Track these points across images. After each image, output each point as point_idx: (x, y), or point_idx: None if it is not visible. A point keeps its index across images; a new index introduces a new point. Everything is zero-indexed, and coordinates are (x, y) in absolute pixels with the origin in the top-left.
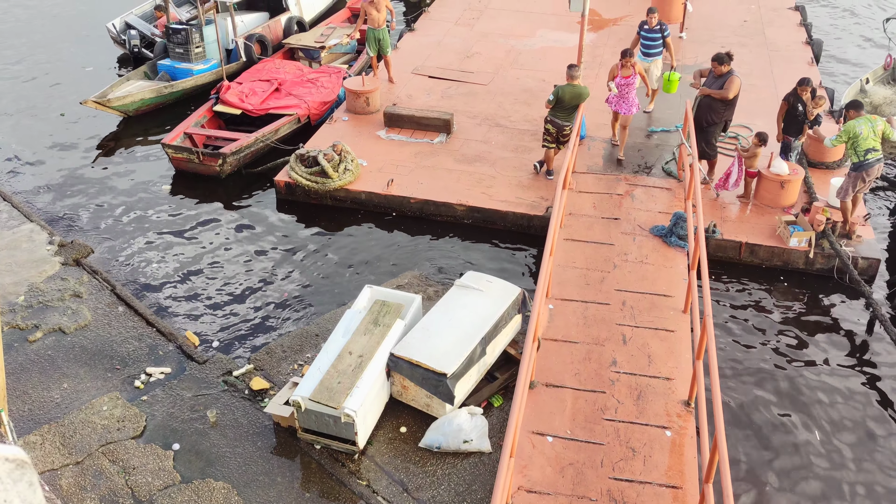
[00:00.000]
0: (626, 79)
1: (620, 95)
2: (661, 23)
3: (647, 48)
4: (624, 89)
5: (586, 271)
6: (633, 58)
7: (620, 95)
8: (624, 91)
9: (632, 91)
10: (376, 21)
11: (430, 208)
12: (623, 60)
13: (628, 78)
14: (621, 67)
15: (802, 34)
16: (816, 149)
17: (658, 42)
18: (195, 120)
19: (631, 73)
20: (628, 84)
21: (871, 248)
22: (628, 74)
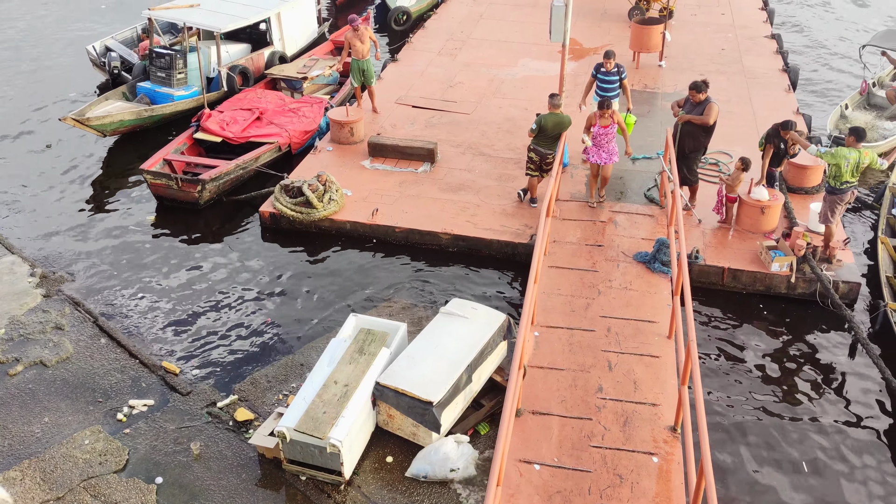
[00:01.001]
0: (605, 128)
1: (598, 145)
2: (619, 65)
3: (604, 91)
4: (602, 139)
5: (571, 298)
6: (612, 108)
7: (598, 145)
8: (602, 141)
9: (611, 141)
10: (360, 52)
11: (415, 237)
12: (601, 111)
13: (607, 128)
14: (600, 117)
15: (779, 61)
16: (795, 174)
17: (615, 85)
18: (175, 147)
19: (610, 122)
20: (607, 134)
21: (851, 272)
22: (607, 124)
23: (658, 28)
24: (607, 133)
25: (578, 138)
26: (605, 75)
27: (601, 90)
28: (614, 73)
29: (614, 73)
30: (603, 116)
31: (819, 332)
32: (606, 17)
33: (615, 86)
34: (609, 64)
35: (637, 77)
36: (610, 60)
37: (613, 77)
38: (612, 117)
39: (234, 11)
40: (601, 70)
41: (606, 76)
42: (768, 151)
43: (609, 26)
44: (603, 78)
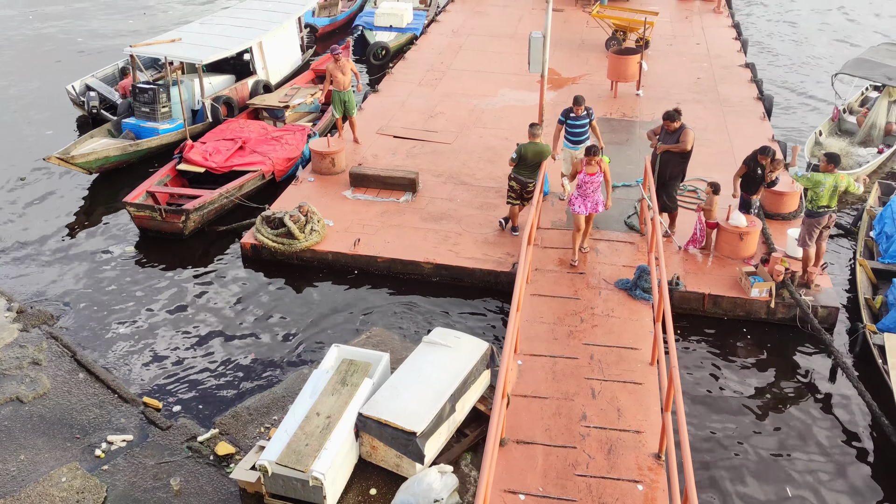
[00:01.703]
0: (591, 176)
1: (583, 194)
2: (588, 107)
3: (576, 136)
4: (588, 187)
5: (554, 326)
6: (599, 155)
7: (583, 194)
8: (588, 189)
9: (597, 190)
10: (342, 83)
11: (397, 267)
12: (588, 158)
13: (593, 175)
14: (586, 164)
15: (754, 90)
16: (772, 200)
17: (586, 129)
18: (158, 179)
19: (597, 170)
20: (593, 182)
21: (829, 297)
22: (594, 172)
23: (635, 58)
24: (593, 181)
25: (558, 166)
26: (575, 120)
27: (572, 136)
28: (584, 118)
29: (584, 118)
30: (590, 164)
31: (800, 357)
32: (584, 48)
33: (585, 129)
34: (579, 109)
35: (615, 106)
36: (580, 106)
37: (584, 121)
38: (599, 165)
39: (216, 43)
40: (570, 116)
41: (576, 121)
42: (741, 171)
43: (587, 56)
44: (573, 123)
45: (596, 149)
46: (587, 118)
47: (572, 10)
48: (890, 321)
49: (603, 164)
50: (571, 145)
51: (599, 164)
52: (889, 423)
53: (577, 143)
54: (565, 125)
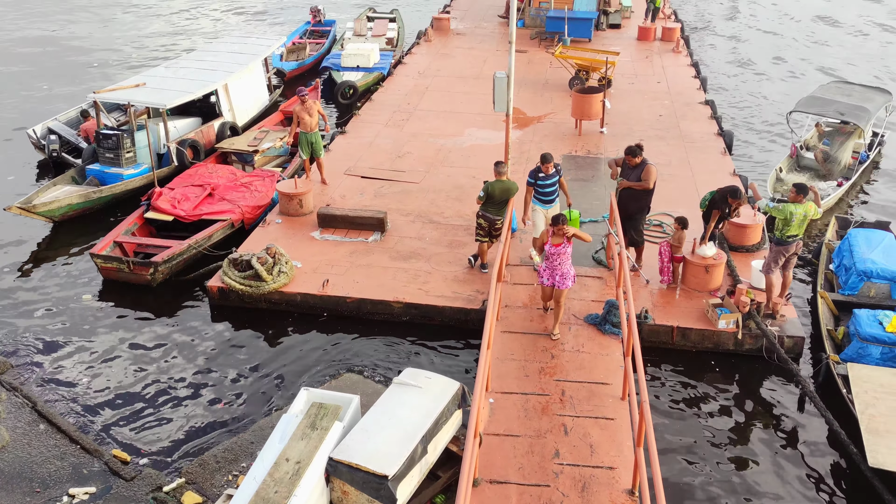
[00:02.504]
0: (557, 247)
1: (551, 266)
2: (557, 164)
3: (545, 196)
4: (555, 259)
5: (525, 363)
6: (567, 225)
7: (551, 266)
8: (555, 262)
9: (565, 263)
10: (309, 125)
11: (366, 307)
12: (555, 228)
13: (559, 246)
14: (552, 234)
15: (714, 126)
16: (736, 233)
17: (555, 186)
18: (125, 228)
19: (563, 241)
20: (559, 254)
21: (794, 327)
22: (559, 242)
23: (598, 96)
24: (560, 253)
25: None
26: (545, 180)
27: (542, 195)
28: (553, 175)
29: (553, 175)
30: (556, 234)
31: (768, 387)
32: (548, 87)
33: (555, 188)
34: (548, 167)
35: (580, 143)
36: (549, 164)
37: (553, 179)
38: (567, 235)
39: (180, 87)
40: (539, 175)
41: (546, 180)
42: (714, 216)
43: (551, 96)
44: (542, 183)
45: (563, 217)
46: (556, 175)
47: (536, 51)
48: (852, 351)
49: (570, 230)
50: (542, 204)
51: (567, 235)
52: (857, 450)
53: (547, 202)
54: (535, 187)
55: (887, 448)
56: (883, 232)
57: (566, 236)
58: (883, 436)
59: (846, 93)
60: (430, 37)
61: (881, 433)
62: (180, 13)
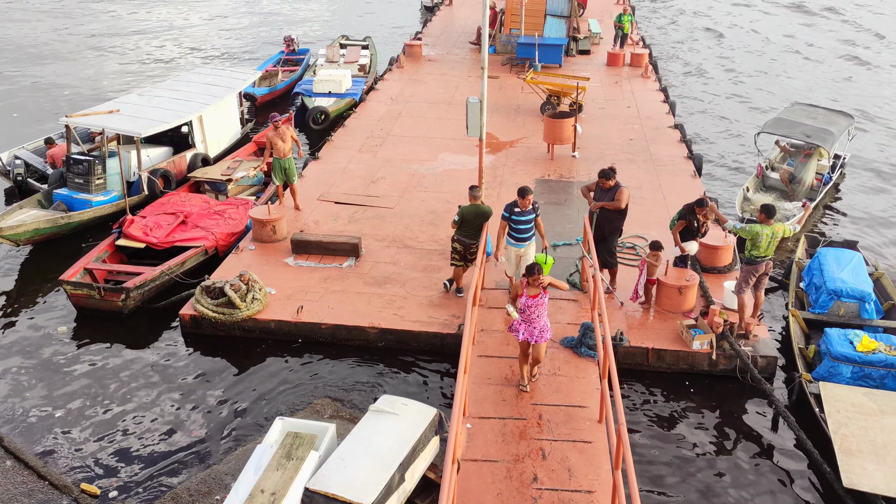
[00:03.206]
0: (534, 298)
1: (527, 320)
2: (535, 201)
3: (520, 233)
4: (532, 312)
5: (502, 387)
6: (543, 274)
7: (527, 320)
8: (532, 314)
9: (542, 315)
10: (282, 151)
11: (341, 333)
12: (531, 278)
13: (536, 298)
14: (527, 285)
15: (684, 150)
16: (707, 255)
17: (531, 225)
18: (96, 255)
19: (539, 292)
20: (536, 306)
21: (767, 347)
22: (536, 294)
23: (569, 121)
24: (537, 305)
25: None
26: (521, 215)
27: (516, 233)
28: (530, 212)
29: (530, 212)
30: (531, 284)
31: (743, 407)
32: (520, 112)
33: (531, 226)
34: (525, 202)
35: (552, 167)
36: (527, 198)
37: (529, 216)
38: (543, 285)
39: (155, 116)
40: (515, 210)
41: (522, 216)
42: (680, 226)
43: (523, 121)
44: (518, 219)
45: (538, 267)
46: (533, 213)
47: (507, 77)
48: (824, 370)
49: (545, 280)
50: (516, 243)
51: (542, 285)
52: (830, 469)
53: (521, 241)
54: (509, 221)
55: (861, 469)
56: (851, 251)
57: (542, 286)
58: (856, 455)
59: (811, 115)
60: (402, 63)
61: (854, 453)
62: (154, 44)
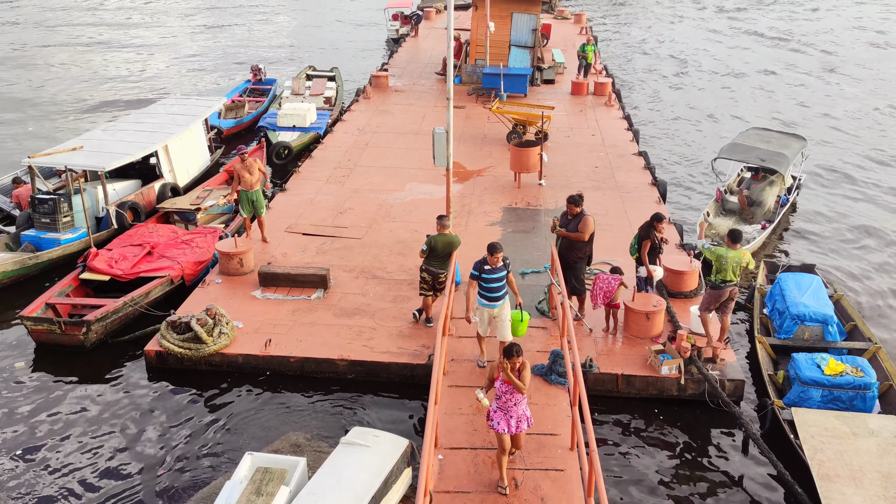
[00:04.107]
0: (510, 384)
1: (503, 407)
2: (506, 258)
3: (492, 291)
4: (509, 399)
5: (472, 417)
6: (521, 357)
7: (503, 407)
8: (509, 402)
9: (521, 402)
10: (249, 183)
11: (310, 366)
12: (509, 361)
13: (510, 384)
14: (503, 370)
15: (648, 176)
16: (673, 280)
17: (503, 282)
18: (59, 289)
19: (515, 374)
20: (513, 391)
21: (734, 371)
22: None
23: (535, 150)
24: (513, 390)
25: (468, 256)
26: (491, 273)
27: (487, 291)
28: (501, 269)
29: (501, 269)
30: (510, 368)
31: (713, 432)
32: (486, 142)
33: (502, 284)
34: (495, 259)
35: (520, 196)
36: (497, 255)
37: (500, 273)
38: (521, 370)
39: (119, 149)
40: (485, 268)
41: (492, 274)
42: (646, 246)
43: (490, 150)
44: (488, 277)
45: (517, 349)
46: (504, 270)
47: (473, 107)
48: (794, 395)
49: (526, 371)
50: (488, 303)
51: (521, 368)
52: (802, 490)
53: (494, 300)
54: (479, 280)
55: (840, 494)
56: (810, 275)
57: (518, 370)
58: (834, 481)
59: (765, 139)
60: (368, 94)
61: (832, 478)
62: (122, 73)
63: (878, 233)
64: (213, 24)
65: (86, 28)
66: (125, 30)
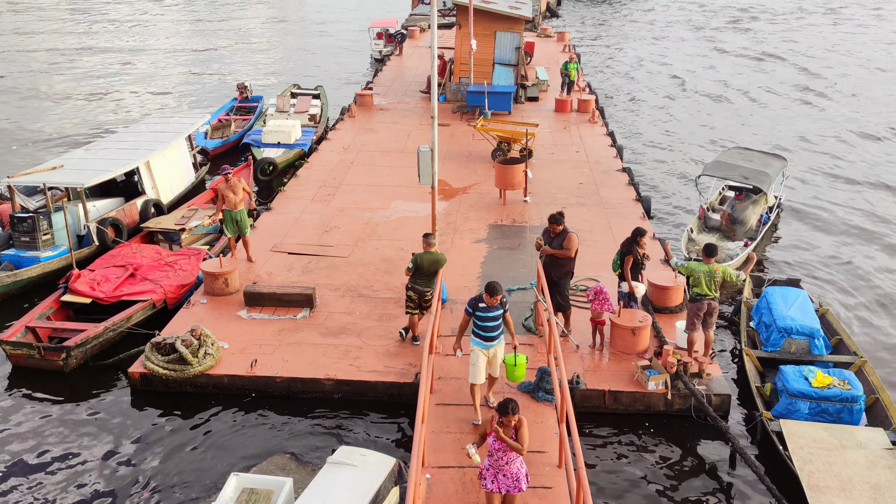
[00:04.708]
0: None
1: (496, 466)
2: (504, 296)
3: (487, 330)
4: (501, 457)
5: (460, 435)
6: (517, 415)
7: (496, 466)
8: (502, 460)
9: (515, 460)
10: (233, 203)
11: (297, 386)
12: (505, 418)
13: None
14: (497, 424)
15: (632, 192)
16: (658, 295)
17: (498, 322)
18: (39, 312)
19: (512, 433)
20: (507, 448)
21: (720, 385)
22: (509, 436)
23: (520, 167)
24: (508, 448)
25: (454, 273)
26: (486, 311)
27: (482, 330)
28: (497, 308)
29: (497, 308)
30: (505, 424)
31: (700, 446)
32: (472, 159)
33: (498, 323)
34: (494, 300)
35: (505, 213)
36: (496, 297)
37: (497, 312)
38: (519, 427)
39: (99, 166)
40: (480, 306)
41: (488, 312)
42: (628, 261)
43: (475, 167)
44: (482, 315)
45: (514, 405)
46: (500, 309)
47: (458, 125)
48: (782, 407)
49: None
50: (483, 342)
51: (519, 427)
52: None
53: (490, 340)
54: (473, 318)
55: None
56: (797, 289)
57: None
58: (824, 492)
59: (747, 158)
60: (353, 112)
61: (822, 490)
62: (107, 98)
63: (860, 249)
64: (198, 46)
65: (70, 50)
66: (111, 54)
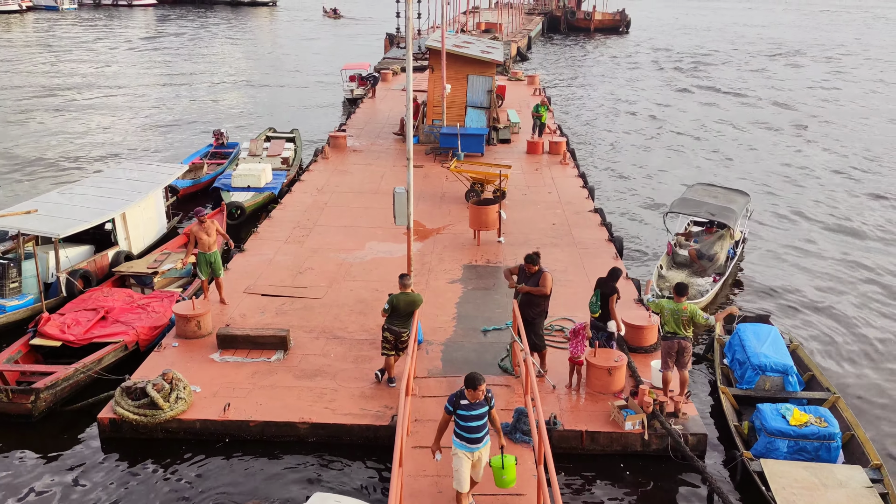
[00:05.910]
0: None
1: None
2: (489, 390)
3: (469, 431)
4: None
5: (438, 478)
6: None
7: None
8: None
9: None
10: (207, 245)
11: (271, 430)
12: None
13: None
14: None
15: (604, 232)
16: (633, 335)
17: (483, 421)
18: (7, 356)
19: None
20: None
21: (696, 424)
22: None
23: (494, 207)
24: None
25: (430, 314)
26: (469, 409)
27: (465, 431)
28: (482, 404)
29: (482, 404)
30: None
31: (678, 486)
32: (445, 200)
33: (483, 423)
34: (477, 393)
35: (479, 253)
36: (479, 389)
37: (481, 409)
38: None
39: (75, 214)
40: (461, 403)
41: (471, 410)
42: (613, 301)
43: (449, 208)
44: (465, 414)
45: None
46: (485, 405)
47: (432, 166)
48: (761, 446)
49: None
50: (468, 445)
51: None
52: None
53: (475, 442)
54: (454, 416)
55: None
56: (768, 326)
57: None
58: None
59: (712, 194)
60: (327, 154)
61: None
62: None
63: (827, 285)
64: (175, 94)
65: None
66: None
